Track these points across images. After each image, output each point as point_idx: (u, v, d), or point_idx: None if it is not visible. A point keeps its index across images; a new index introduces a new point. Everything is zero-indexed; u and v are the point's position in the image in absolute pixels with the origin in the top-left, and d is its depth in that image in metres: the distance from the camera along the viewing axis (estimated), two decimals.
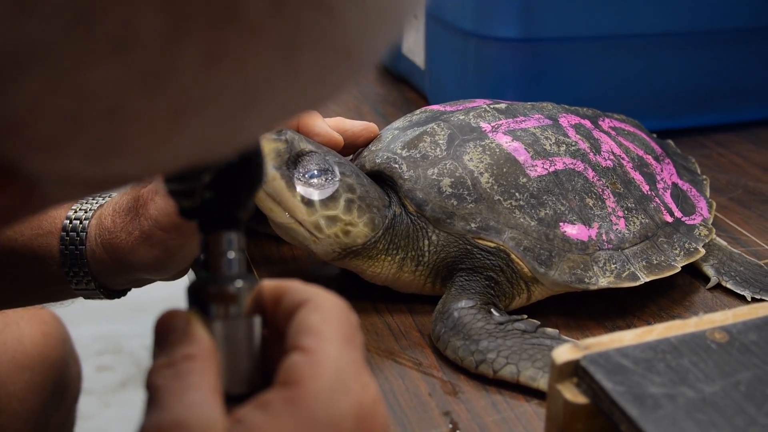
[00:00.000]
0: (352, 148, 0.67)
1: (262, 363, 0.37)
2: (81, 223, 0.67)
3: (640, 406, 0.41)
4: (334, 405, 0.33)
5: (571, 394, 0.45)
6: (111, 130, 0.23)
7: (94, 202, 0.69)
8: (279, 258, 0.70)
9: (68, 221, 0.68)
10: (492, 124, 0.65)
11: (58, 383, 0.94)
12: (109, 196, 0.69)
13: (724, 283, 0.65)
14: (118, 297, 0.72)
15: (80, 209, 0.68)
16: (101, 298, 0.72)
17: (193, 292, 0.35)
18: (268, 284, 0.37)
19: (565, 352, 0.45)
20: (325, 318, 0.36)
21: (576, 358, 0.45)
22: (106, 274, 0.67)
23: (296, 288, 0.37)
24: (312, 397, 0.33)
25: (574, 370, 0.45)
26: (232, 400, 0.34)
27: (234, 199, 0.35)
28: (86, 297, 0.71)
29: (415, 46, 1.01)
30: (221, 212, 0.35)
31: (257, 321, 0.37)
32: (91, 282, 0.68)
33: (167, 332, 0.35)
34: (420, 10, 0.96)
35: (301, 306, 0.36)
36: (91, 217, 0.67)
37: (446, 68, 0.92)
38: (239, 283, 0.35)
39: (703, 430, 0.40)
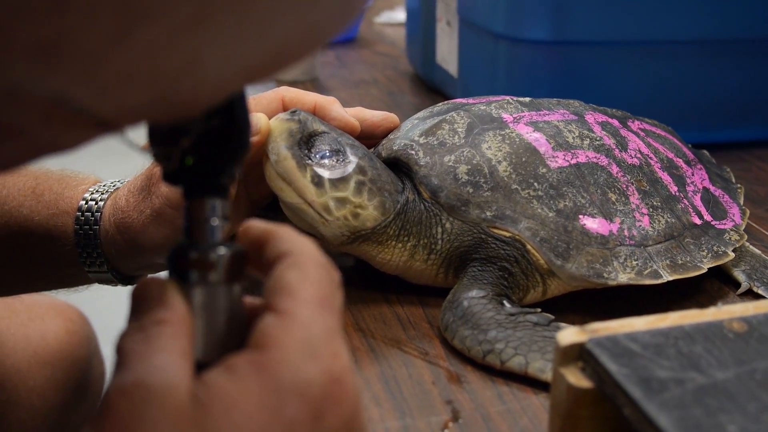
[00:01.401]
0: (371, 137, 0.66)
1: (245, 329, 0.36)
2: (96, 203, 0.67)
3: (645, 388, 0.38)
4: (301, 372, 0.32)
5: (575, 378, 0.42)
6: (53, 24, 0.21)
7: (111, 184, 0.68)
8: None
9: (84, 202, 0.67)
10: (514, 116, 0.63)
11: (80, 382, 0.93)
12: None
13: (755, 289, 0.62)
14: (132, 284, 0.71)
15: (96, 191, 0.68)
16: (115, 284, 0.71)
17: (173, 258, 0.34)
18: (255, 227, 0.36)
19: (570, 335, 0.43)
20: (303, 277, 0.34)
21: (581, 341, 0.42)
22: (119, 256, 0.67)
23: (281, 236, 0.36)
24: (279, 362, 0.32)
25: (579, 354, 0.42)
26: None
27: (217, 164, 0.34)
28: (100, 282, 0.71)
29: (448, 55, 0.99)
30: (203, 178, 0.34)
31: (237, 289, 0.35)
32: (104, 264, 0.67)
33: (143, 299, 0.34)
34: (453, 18, 0.95)
35: (281, 259, 0.35)
36: (107, 198, 0.67)
37: (478, 73, 0.91)
38: (220, 251, 0.34)
39: (710, 414, 0.37)
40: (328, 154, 0.57)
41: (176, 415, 0.30)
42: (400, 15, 1.44)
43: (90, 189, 0.68)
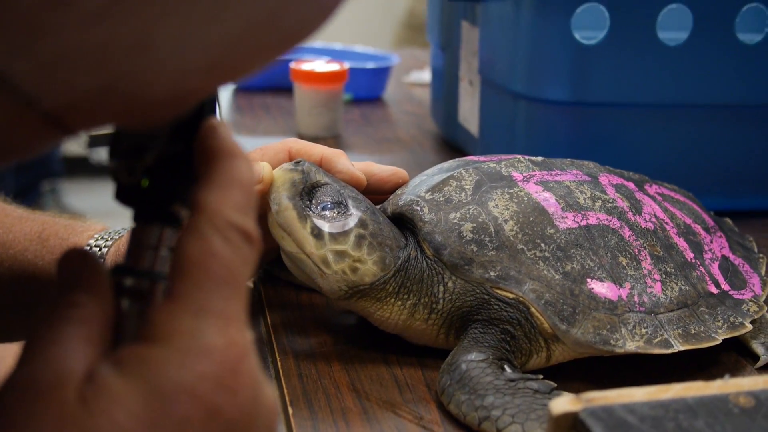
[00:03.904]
0: (380, 192, 0.65)
1: None
2: (100, 250, 0.66)
3: None
4: (189, 367, 0.30)
5: None
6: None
7: (116, 231, 0.68)
8: (296, 304, 0.67)
9: (88, 248, 0.67)
10: (524, 174, 0.61)
11: None
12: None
13: None
14: None
15: (101, 237, 0.67)
16: None
17: (113, 274, 0.33)
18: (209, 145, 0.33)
19: (563, 403, 0.40)
20: (204, 249, 0.31)
21: (575, 410, 0.40)
22: None
23: (208, 178, 0.32)
24: (166, 356, 0.30)
25: (573, 424, 0.40)
26: None
27: (173, 190, 0.33)
28: None
29: (470, 115, 0.99)
30: (156, 203, 0.33)
31: None
32: None
33: (68, 272, 0.32)
34: (475, 78, 0.94)
35: (193, 218, 0.32)
36: (111, 245, 0.66)
37: (498, 133, 0.90)
38: (159, 282, 0.33)
39: None
40: (329, 206, 0.56)
41: (60, 412, 0.28)
42: (428, 75, 1.44)
43: (95, 236, 0.68)
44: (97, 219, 0.76)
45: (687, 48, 0.79)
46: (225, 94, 1.33)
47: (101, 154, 2.95)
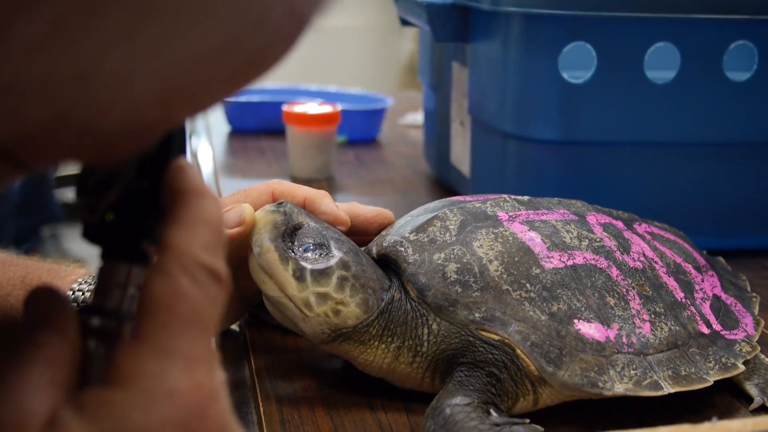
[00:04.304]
0: (365, 234, 0.64)
1: None
2: (83, 294, 0.66)
3: None
4: (153, 411, 0.29)
5: None
6: None
7: None
8: (281, 348, 0.66)
9: (71, 292, 0.66)
10: (510, 214, 0.61)
11: None
12: None
13: None
14: None
15: (84, 282, 0.67)
16: None
17: (81, 313, 0.32)
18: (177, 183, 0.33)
19: None
20: (170, 289, 0.31)
21: None
22: None
23: (178, 215, 0.32)
24: (129, 401, 0.29)
25: None
26: None
27: (140, 227, 0.32)
28: None
29: (462, 155, 0.98)
30: (123, 240, 0.32)
31: None
32: None
33: (34, 310, 0.31)
34: (466, 118, 0.94)
35: (161, 257, 0.31)
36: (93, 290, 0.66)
37: (488, 173, 0.89)
38: (126, 323, 0.32)
39: None
40: (311, 247, 0.55)
41: None
42: (422, 118, 1.45)
43: (78, 279, 0.67)
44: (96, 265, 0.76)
45: (675, 86, 0.79)
46: (218, 138, 1.34)
47: (69, 194, 2.96)
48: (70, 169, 0.32)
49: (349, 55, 3.54)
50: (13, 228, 2.55)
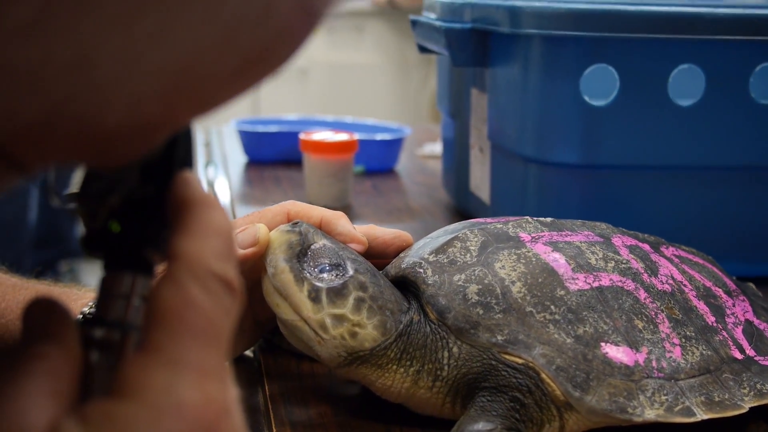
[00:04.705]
0: (383, 256, 0.62)
1: None
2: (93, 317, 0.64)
3: None
4: (160, 426, 0.27)
5: None
6: None
7: None
8: (297, 374, 0.64)
9: (81, 316, 0.65)
10: (532, 235, 0.59)
11: None
12: None
13: None
14: None
15: (94, 305, 0.65)
16: None
17: (82, 325, 0.31)
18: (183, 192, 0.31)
19: None
20: (181, 299, 0.29)
21: None
22: None
23: (186, 224, 0.31)
24: (134, 414, 0.27)
25: None
26: None
27: (145, 235, 0.31)
28: None
29: (481, 182, 0.97)
30: (127, 249, 0.31)
31: None
32: None
33: (33, 321, 0.30)
34: (485, 144, 0.93)
35: (170, 266, 0.30)
36: None
37: (509, 199, 0.88)
38: (131, 334, 0.31)
39: None
40: (327, 267, 0.54)
41: None
42: (440, 147, 1.44)
43: (89, 303, 0.66)
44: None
45: (700, 108, 0.77)
46: (235, 168, 1.33)
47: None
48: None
49: (374, 89, 3.55)
50: (31, 262, 2.56)
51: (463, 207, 1.07)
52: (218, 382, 0.29)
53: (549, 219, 0.62)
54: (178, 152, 0.31)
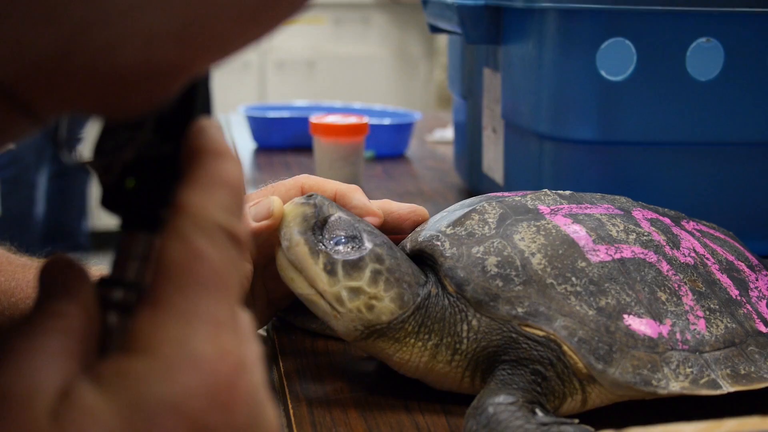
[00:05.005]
0: (398, 231, 0.61)
1: None
2: None
3: None
4: (175, 380, 0.26)
5: None
6: None
7: None
8: (311, 351, 0.63)
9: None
10: (551, 207, 0.57)
11: None
12: None
13: None
14: None
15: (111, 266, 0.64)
16: None
17: (99, 285, 0.30)
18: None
19: None
20: (188, 253, 0.28)
21: None
22: None
23: (194, 175, 0.30)
24: (148, 369, 0.27)
25: None
26: None
27: (162, 194, 0.30)
28: None
29: (494, 163, 0.95)
30: (144, 207, 0.30)
31: None
32: None
33: (50, 279, 0.29)
34: (499, 124, 0.92)
35: (175, 219, 0.29)
36: None
37: (523, 178, 0.86)
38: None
39: None
40: (343, 240, 0.53)
41: (28, 430, 0.25)
42: (450, 133, 1.42)
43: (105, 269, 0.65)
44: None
45: (719, 83, 0.76)
46: (244, 154, 1.32)
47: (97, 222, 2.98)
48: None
49: (377, 84, 3.53)
50: (37, 256, 2.55)
51: (475, 189, 1.05)
52: (233, 334, 0.28)
53: (568, 192, 0.61)
54: (196, 104, 0.30)
